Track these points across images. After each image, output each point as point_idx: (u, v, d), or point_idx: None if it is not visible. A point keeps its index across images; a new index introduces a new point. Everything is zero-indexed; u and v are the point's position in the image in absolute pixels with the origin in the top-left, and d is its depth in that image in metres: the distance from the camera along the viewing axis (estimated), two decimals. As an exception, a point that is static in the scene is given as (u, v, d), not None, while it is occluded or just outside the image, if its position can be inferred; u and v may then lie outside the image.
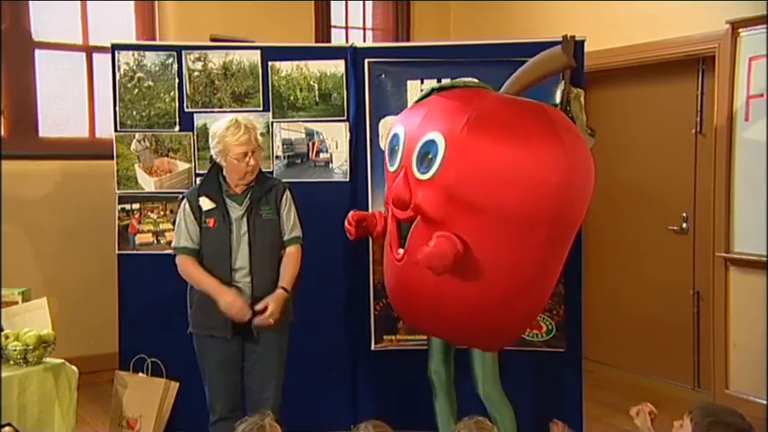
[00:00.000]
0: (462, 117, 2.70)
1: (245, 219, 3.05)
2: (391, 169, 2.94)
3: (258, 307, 3.02)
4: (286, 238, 3.15)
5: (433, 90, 3.02)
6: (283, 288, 3.07)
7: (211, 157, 3.11)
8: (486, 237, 2.69)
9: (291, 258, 3.14)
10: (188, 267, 3.07)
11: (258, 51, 3.78)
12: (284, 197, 3.15)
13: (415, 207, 2.76)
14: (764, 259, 4.06)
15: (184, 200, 3.11)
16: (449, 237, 2.65)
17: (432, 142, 2.72)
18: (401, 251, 2.88)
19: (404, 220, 2.86)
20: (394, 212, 2.90)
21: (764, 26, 4.01)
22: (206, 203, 3.05)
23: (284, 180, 3.33)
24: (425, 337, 3.35)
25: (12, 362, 3.04)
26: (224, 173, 3.08)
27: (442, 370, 3.25)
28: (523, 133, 2.68)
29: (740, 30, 4.15)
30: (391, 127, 3.07)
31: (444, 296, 2.82)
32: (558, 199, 2.66)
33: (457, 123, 2.69)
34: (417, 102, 3.05)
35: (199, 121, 3.75)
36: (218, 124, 3.07)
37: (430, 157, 2.71)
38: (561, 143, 2.68)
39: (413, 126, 2.85)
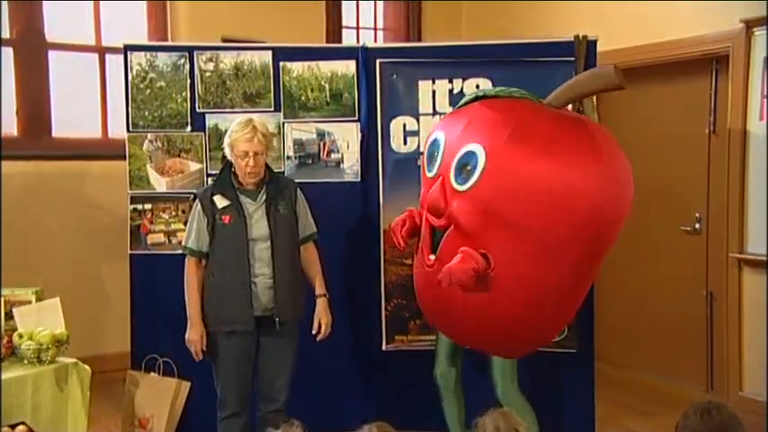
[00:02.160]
0: (504, 130, 2.69)
1: (262, 214, 3.10)
2: (429, 175, 2.92)
3: (314, 330, 3.21)
4: (304, 235, 3.23)
5: (476, 97, 2.97)
6: (323, 295, 3.24)
7: (224, 156, 3.16)
8: (516, 253, 2.68)
9: (315, 261, 3.27)
10: (189, 275, 3.14)
11: (269, 52, 3.79)
12: (297, 194, 3.22)
13: (450, 217, 2.76)
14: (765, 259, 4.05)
15: (197, 199, 3.15)
16: (471, 255, 2.66)
17: (471, 154, 2.71)
18: (432, 257, 2.89)
19: (438, 227, 2.86)
20: (428, 218, 2.89)
21: (778, 25, 3.97)
22: (220, 201, 3.09)
23: (296, 180, 3.36)
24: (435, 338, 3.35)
25: (26, 361, 3.06)
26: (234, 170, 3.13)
27: (448, 373, 3.27)
28: (565, 152, 2.64)
29: (754, 29, 4.09)
30: (431, 131, 3.04)
31: (470, 307, 2.83)
32: (596, 221, 2.64)
33: (498, 136, 2.68)
34: (458, 108, 3.01)
35: (210, 121, 3.76)
36: (235, 121, 3.13)
37: (469, 168, 2.70)
38: (603, 163, 2.65)
39: (454, 135, 2.83)
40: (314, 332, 3.22)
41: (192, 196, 3.25)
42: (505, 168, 2.64)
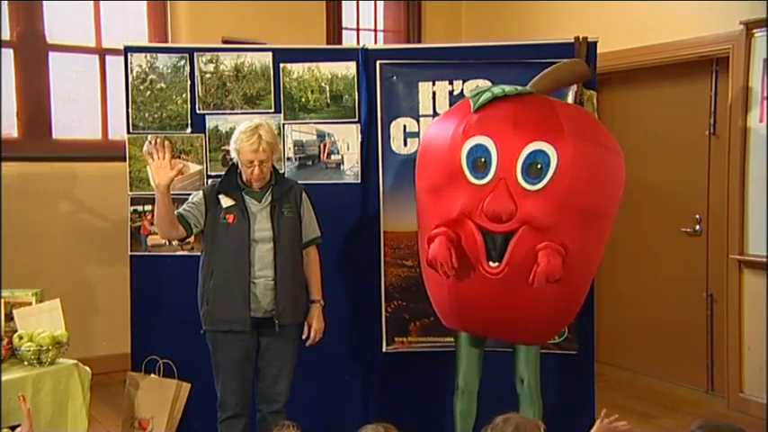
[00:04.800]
0: (558, 124, 2.78)
1: (266, 215, 3.10)
2: (479, 182, 2.79)
3: (304, 336, 3.21)
4: (307, 239, 3.23)
5: (494, 97, 2.89)
6: (317, 301, 3.23)
7: (224, 157, 3.14)
8: (585, 236, 2.87)
9: (315, 266, 3.27)
10: None
11: (269, 53, 3.79)
12: (303, 197, 3.22)
13: (523, 218, 2.73)
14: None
15: (200, 191, 3.19)
16: (555, 248, 2.72)
17: (540, 152, 2.73)
18: (494, 264, 2.78)
19: (499, 232, 2.77)
20: (487, 226, 2.77)
21: (779, 27, 3.98)
22: (225, 201, 3.10)
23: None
24: (437, 340, 3.34)
25: (26, 362, 3.06)
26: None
27: (474, 382, 3.22)
28: (603, 136, 2.93)
29: (754, 30, 4.11)
30: (462, 137, 2.85)
31: (543, 299, 2.85)
32: (623, 190, 3.00)
33: (558, 131, 2.77)
34: (477, 109, 2.89)
35: (210, 122, 3.76)
36: (243, 124, 3.11)
37: (539, 167, 2.72)
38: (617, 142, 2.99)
39: (505, 136, 2.78)
40: (303, 337, 3.22)
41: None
42: (576, 161, 2.74)
